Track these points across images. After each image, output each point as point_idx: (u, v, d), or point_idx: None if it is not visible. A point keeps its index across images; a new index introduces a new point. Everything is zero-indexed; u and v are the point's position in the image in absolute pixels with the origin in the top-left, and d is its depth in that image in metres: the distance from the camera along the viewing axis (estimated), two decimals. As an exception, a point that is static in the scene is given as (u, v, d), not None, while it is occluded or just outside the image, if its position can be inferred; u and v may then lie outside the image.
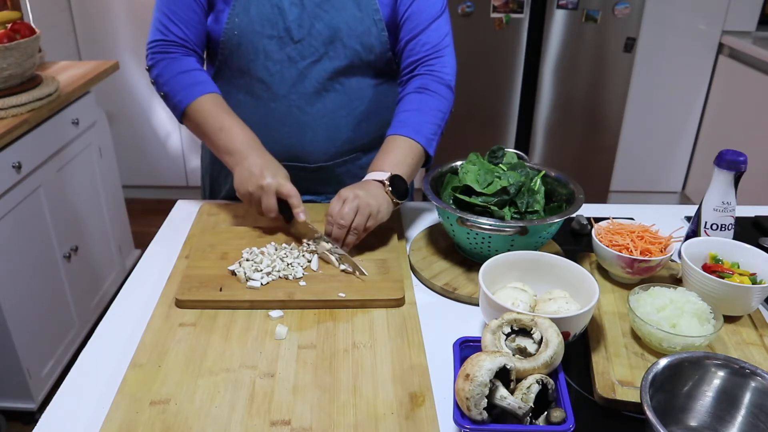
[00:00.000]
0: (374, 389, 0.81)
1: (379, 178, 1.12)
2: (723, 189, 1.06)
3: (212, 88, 1.20)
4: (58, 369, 2.12)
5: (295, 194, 1.11)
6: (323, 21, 1.18)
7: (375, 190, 1.10)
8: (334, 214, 1.07)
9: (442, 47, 1.24)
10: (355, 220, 1.06)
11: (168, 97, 1.21)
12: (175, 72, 1.19)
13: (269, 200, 1.10)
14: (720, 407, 0.76)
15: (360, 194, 1.07)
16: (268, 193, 1.10)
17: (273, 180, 1.10)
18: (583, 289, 0.91)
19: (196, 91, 1.18)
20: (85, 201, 2.31)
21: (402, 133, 1.18)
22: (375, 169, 1.14)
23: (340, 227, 1.06)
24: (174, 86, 1.19)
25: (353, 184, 1.12)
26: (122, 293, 1.04)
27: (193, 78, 1.19)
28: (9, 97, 1.86)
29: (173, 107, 1.21)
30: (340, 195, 1.08)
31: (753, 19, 3.11)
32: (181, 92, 1.18)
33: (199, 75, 1.20)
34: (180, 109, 1.19)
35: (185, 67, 1.20)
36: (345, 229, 1.06)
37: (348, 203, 1.06)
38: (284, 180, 1.11)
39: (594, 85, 3.00)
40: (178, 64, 1.20)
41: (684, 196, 3.51)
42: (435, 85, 1.22)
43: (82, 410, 0.80)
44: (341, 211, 1.06)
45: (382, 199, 1.10)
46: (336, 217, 1.06)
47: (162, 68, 1.20)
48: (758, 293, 0.92)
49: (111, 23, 3.13)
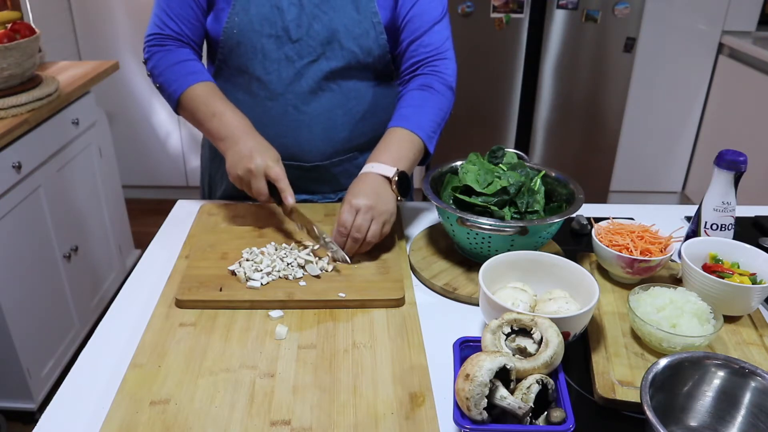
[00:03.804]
0: (374, 389, 0.81)
1: (385, 173, 1.10)
2: (723, 189, 1.06)
3: (206, 77, 1.21)
4: (58, 369, 2.12)
5: (282, 177, 1.09)
6: (321, 22, 1.18)
7: (384, 193, 1.08)
8: (348, 226, 1.04)
9: (444, 50, 1.24)
10: (371, 228, 1.04)
11: (163, 88, 1.22)
12: (169, 63, 1.20)
13: (258, 183, 1.08)
14: (720, 407, 0.76)
15: (372, 204, 1.05)
16: (257, 177, 1.08)
17: (262, 162, 1.08)
18: (583, 289, 0.91)
19: (190, 80, 1.18)
20: (85, 201, 2.31)
21: (403, 126, 1.16)
22: (377, 161, 1.12)
23: (355, 240, 1.05)
24: (168, 77, 1.20)
25: (359, 186, 1.08)
26: (122, 293, 1.04)
27: (188, 68, 1.20)
28: (9, 97, 1.87)
29: (168, 97, 1.22)
30: (351, 204, 1.05)
31: (753, 19, 3.11)
32: (176, 82, 1.19)
33: (194, 65, 1.21)
34: (174, 99, 1.20)
35: (179, 57, 1.21)
36: (360, 241, 1.05)
37: (361, 214, 1.04)
38: (273, 162, 1.09)
39: (594, 85, 3.00)
40: (173, 55, 1.21)
41: (684, 196, 3.51)
42: (438, 85, 1.22)
43: (82, 410, 0.80)
44: (356, 222, 1.04)
45: (391, 201, 1.08)
46: (352, 229, 1.04)
47: (157, 60, 1.22)
48: (758, 293, 0.92)
49: (111, 23, 3.13)
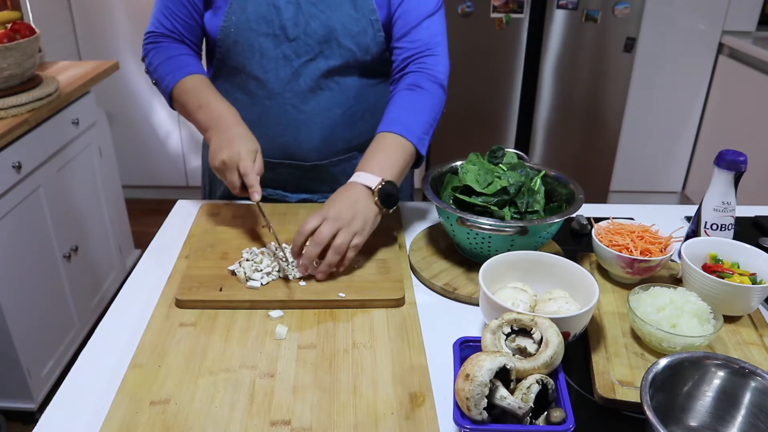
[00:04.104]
0: (374, 389, 0.81)
1: (369, 183, 1.05)
2: (723, 189, 1.06)
3: (197, 69, 1.21)
4: (58, 369, 2.12)
5: (250, 172, 1.05)
6: (319, 20, 1.17)
7: (362, 205, 1.03)
8: (306, 232, 0.99)
9: (434, 45, 1.20)
10: (337, 240, 0.99)
11: (158, 84, 1.23)
12: (163, 58, 1.22)
13: (231, 176, 1.06)
14: (720, 407, 0.76)
15: (342, 215, 1.00)
16: (230, 168, 1.06)
17: (236, 154, 1.05)
18: (583, 289, 0.91)
19: (181, 73, 1.19)
20: (85, 201, 2.31)
21: (393, 130, 1.12)
22: (364, 170, 1.07)
23: (315, 246, 0.99)
24: (161, 72, 1.21)
25: (337, 195, 1.05)
26: (122, 293, 1.04)
27: (180, 62, 1.21)
28: (9, 97, 1.86)
29: (163, 92, 1.23)
30: (321, 211, 1.01)
31: (753, 19, 3.11)
32: (168, 76, 1.20)
33: (186, 59, 1.22)
34: (167, 93, 1.21)
35: (172, 52, 1.22)
36: (320, 247, 0.99)
37: (327, 223, 0.99)
38: (246, 155, 1.06)
39: (594, 85, 3.00)
40: (166, 50, 1.23)
41: (684, 196, 3.51)
42: (427, 83, 1.18)
43: (82, 410, 0.80)
44: (319, 229, 0.99)
45: (368, 213, 1.03)
46: (314, 236, 0.99)
47: (152, 57, 1.23)
48: (758, 293, 0.92)
49: (111, 23, 3.13)
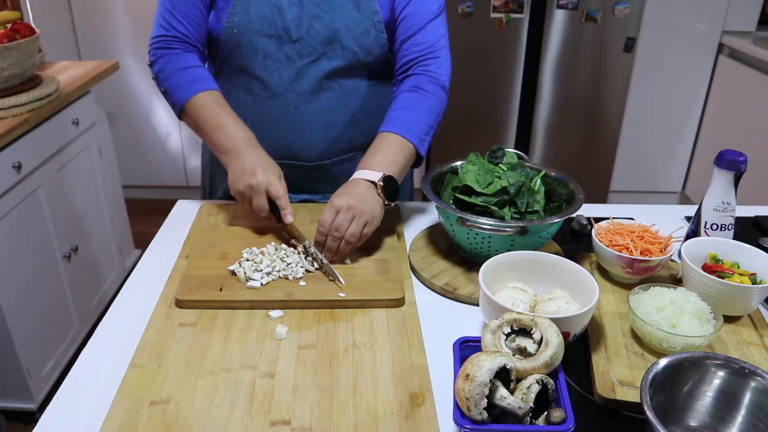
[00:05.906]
0: (374, 389, 0.81)
1: (371, 178, 1.09)
2: (723, 189, 1.06)
3: (212, 85, 1.20)
4: (58, 369, 2.12)
5: (283, 195, 1.09)
6: (322, 21, 1.18)
7: (367, 195, 1.07)
8: (327, 225, 1.04)
9: (438, 48, 1.22)
10: (350, 227, 1.04)
11: (168, 94, 1.21)
12: (175, 68, 1.19)
13: (259, 200, 1.09)
14: (720, 407, 0.76)
15: (353, 203, 1.04)
16: (258, 193, 1.08)
17: (263, 179, 1.08)
18: (583, 289, 0.91)
19: (195, 88, 1.17)
20: (85, 201, 2.31)
21: (394, 130, 1.15)
22: (365, 167, 1.11)
23: (334, 239, 1.04)
24: (174, 82, 1.19)
25: (343, 189, 1.08)
26: (122, 293, 1.04)
27: (193, 75, 1.19)
28: (9, 97, 1.86)
29: (173, 104, 1.20)
30: (332, 204, 1.05)
31: (753, 19, 3.11)
32: (180, 89, 1.18)
33: (200, 72, 1.20)
34: (179, 106, 1.19)
35: (186, 63, 1.20)
36: (339, 240, 1.04)
37: (342, 213, 1.04)
38: (275, 179, 1.10)
39: (594, 85, 3.00)
40: (179, 60, 1.20)
41: (684, 196, 3.51)
42: (429, 85, 1.20)
43: (82, 410, 0.80)
44: (336, 222, 1.04)
45: (375, 203, 1.07)
46: (330, 228, 1.04)
47: (163, 64, 1.20)
48: (758, 293, 0.92)
49: (111, 23, 3.12)
